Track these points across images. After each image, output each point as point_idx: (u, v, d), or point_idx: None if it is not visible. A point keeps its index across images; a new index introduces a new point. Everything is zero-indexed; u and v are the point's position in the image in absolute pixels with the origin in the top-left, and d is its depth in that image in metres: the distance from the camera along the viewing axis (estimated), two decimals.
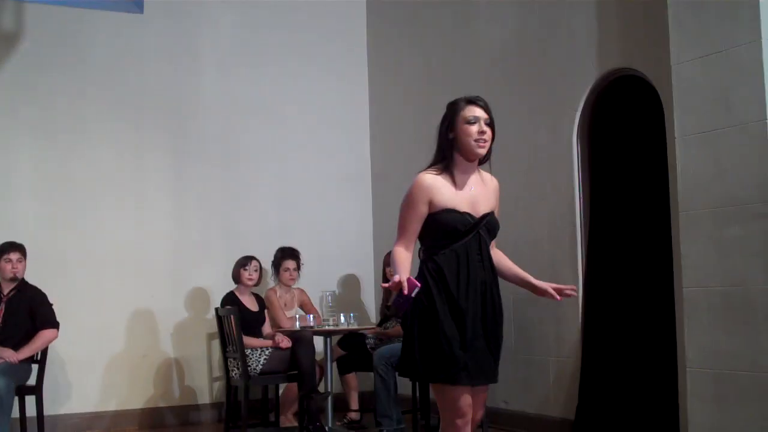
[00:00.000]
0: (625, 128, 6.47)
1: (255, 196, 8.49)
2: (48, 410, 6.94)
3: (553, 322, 6.62)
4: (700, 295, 5.38)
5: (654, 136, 6.06)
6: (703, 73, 5.38)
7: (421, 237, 3.85)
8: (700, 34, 5.41)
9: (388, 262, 7.63)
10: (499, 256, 3.98)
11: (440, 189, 3.80)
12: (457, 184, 3.83)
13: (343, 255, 8.72)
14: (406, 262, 3.77)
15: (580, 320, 6.52)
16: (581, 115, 6.62)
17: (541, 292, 3.95)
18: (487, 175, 3.95)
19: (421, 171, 3.88)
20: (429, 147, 8.25)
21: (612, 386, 6.29)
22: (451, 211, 3.78)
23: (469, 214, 3.79)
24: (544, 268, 6.74)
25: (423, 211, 3.79)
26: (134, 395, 7.86)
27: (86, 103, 7.92)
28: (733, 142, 5.21)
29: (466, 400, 3.74)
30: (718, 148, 5.29)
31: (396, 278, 3.57)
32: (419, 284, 3.60)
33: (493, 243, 3.95)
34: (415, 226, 3.81)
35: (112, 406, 7.76)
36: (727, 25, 5.26)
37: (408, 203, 3.83)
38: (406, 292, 3.54)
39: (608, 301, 6.42)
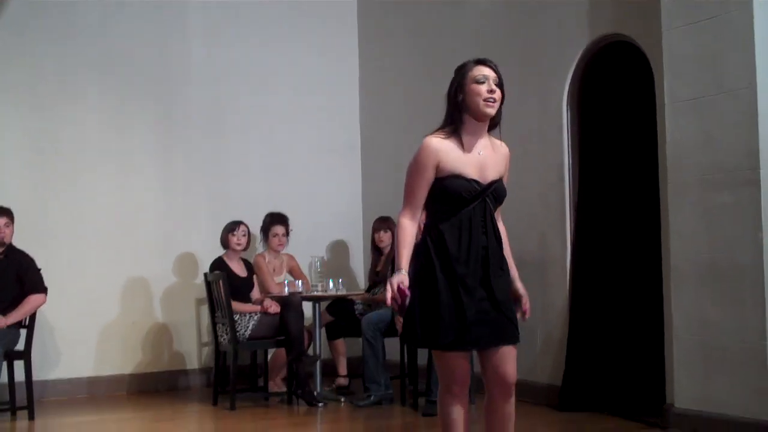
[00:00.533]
0: (615, 95, 6.45)
1: (244, 162, 8.44)
2: (37, 375, 6.93)
3: (541, 289, 6.62)
4: (688, 263, 5.39)
5: (644, 103, 6.04)
6: (694, 39, 5.35)
7: (425, 202, 3.80)
8: (690, 1, 5.38)
9: (377, 228, 7.62)
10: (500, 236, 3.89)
11: (448, 153, 3.73)
12: (465, 148, 3.75)
13: (332, 221, 8.70)
14: (409, 245, 3.71)
15: (567, 287, 6.53)
16: (571, 83, 6.58)
17: (514, 294, 3.88)
18: (497, 142, 3.89)
19: (428, 135, 3.80)
20: (418, 115, 8.28)
21: (599, 353, 6.32)
22: (458, 177, 3.72)
23: (476, 181, 3.74)
24: (533, 237, 6.75)
25: (430, 176, 3.73)
26: (123, 361, 7.86)
27: (73, 69, 7.83)
28: (723, 109, 5.20)
29: (460, 367, 3.75)
30: (708, 115, 5.28)
31: (388, 296, 3.59)
32: (408, 294, 3.62)
33: (500, 215, 3.89)
34: (423, 192, 3.75)
35: (100, 371, 7.76)
36: None
37: (415, 168, 3.77)
38: (397, 309, 3.64)
39: (596, 268, 6.43)
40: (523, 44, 6.89)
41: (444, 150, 3.73)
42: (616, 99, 6.44)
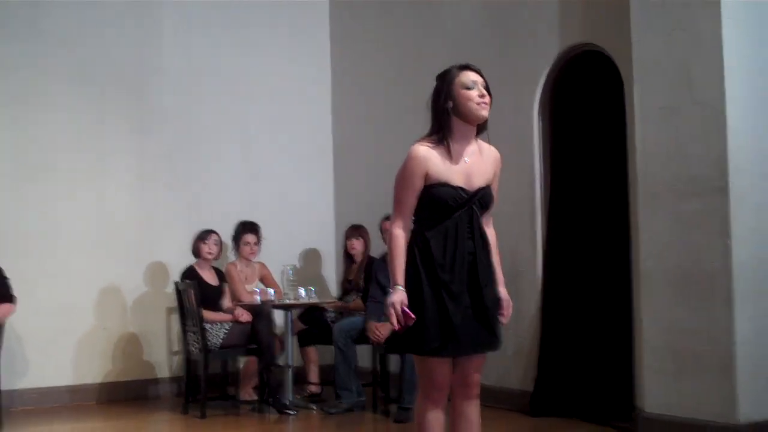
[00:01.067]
0: (586, 104, 6.51)
1: (216, 169, 8.42)
2: (5, 384, 6.89)
3: (513, 295, 6.61)
4: (658, 270, 5.45)
5: (615, 112, 6.09)
6: (664, 49, 5.42)
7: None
8: (661, 11, 5.44)
9: (349, 235, 7.63)
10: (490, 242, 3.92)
11: (436, 161, 3.75)
12: (452, 156, 3.77)
13: (304, 229, 8.69)
14: (402, 256, 3.74)
15: (539, 294, 6.57)
16: (542, 90, 6.64)
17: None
18: (485, 146, 3.90)
19: (415, 143, 3.80)
20: (391, 122, 8.29)
21: (570, 359, 6.36)
22: (445, 185, 3.74)
23: (462, 188, 3.76)
24: (504, 243, 6.72)
25: (420, 184, 3.75)
26: (93, 370, 7.80)
27: (46, 72, 7.78)
28: (692, 118, 5.26)
29: (441, 373, 3.78)
30: (678, 124, 5.34)
31: (393, 320, 3.65)
32: (414, 317, 3.66)
33: (491, 222, 3.94)
34: (413, 201, 3.76)
35: (70, 380, 7.69)
36: (688, 2, 5.29)
37: (404, 177, 3.77)
38: (397, 328, 3.67)
39: (567, 275, 6.48)
40: (495, 52, 6.94)
41: (432, 158, 3.75)
42: (588, 107, 6.50)
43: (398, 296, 3.69)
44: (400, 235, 3.75)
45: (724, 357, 5.07)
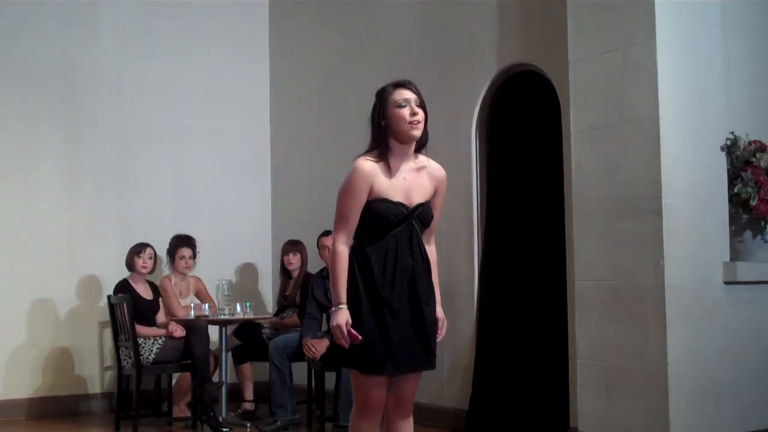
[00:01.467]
0: (523, 124, 6.56)
1: (151, 181, 8.31)
2: None
3: (449, 313, 6.63)
4: (591, 288, 5.49)
5: (551, 132, 6.15)
6: (599, 70, 5.48)
7: None
8: (597, 33, 5.51)
9: (286, 251, 7.58)
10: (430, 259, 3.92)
11: (378, 176, 3.76)
12: (391, 173, 3.78)
13: (240, 243, 8.62)
14: (344, 274, 3.72)
15: (474, 312, 6.59)
16: (480, 110, 6.67)
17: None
18: (430, 163, 3.91)
19: (358, 157, 3.80)
20: (330, 136, 8.27)
21: (505, 377, 6.38)
22: (385, 201, 3.74)
23: (402, 204, 3.77)
24: (441, 262, 6.77)
25: (364, 199, 3.74)
26: (21, 384, 7.63)
27: None
28: (626, 139, 5.32)
29: (378, 390, 3.77)
30: (612, 144, 5.40)
31: (342, 342, 3.66)
32: (360, 338, 3.66)
33: (432, 240, 3.96)
34: (356, 216, 3.74)
35: None
36: (623, 24, 5.36)
37: (348, 191, 3.75)
38: (347, 345, 3.66)
39: (503, 294, 6.50)
40: (434, 69, 6.97)
41: (375, 173, 3.75)
42: (524, 127, 6.55)
43: (342, 316, 3.68)
44: (343, 252, 3.74)
45: (657, 376, 5.12)
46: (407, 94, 3.80)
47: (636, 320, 5.24)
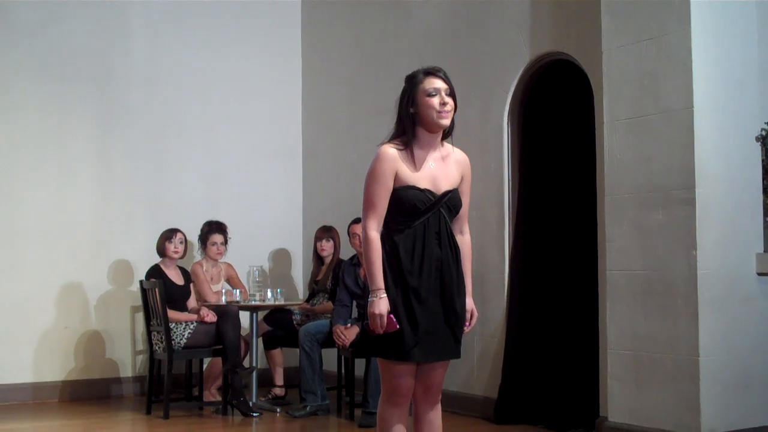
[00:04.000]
0: (556, 112, 6.53)
1: (183, 167, 8.37)
2: None
3: (479, 301, 6.65)
4: (623, 278, 5.48)
5: (583, 121, 6.12)
6: (633, 59, 5.45)
7: None
8: (631, 21, 5.47)
9: (320, 237, 7.61)
10: (462, 250, 3.90)
11: (403, 162, 3.75)
12: (416, 160, 3.77)
13: (272, 230, 8.67)
14: (380, 260, 3.71)
15: (505, 300, 6.58)
16: (512, 98, 6.65)
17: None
18: (454, 150, 3.91)
19: (382, 143, 3.80)
20: (361, 123, 8.29)
21: (535, 366, 6.37)
22: (412, 188, 3.74)
23: (429, 191, 3.76)
24: (472, 249, 6.78)
25: (390, 184, 3.73)
26: (55, 367, 7.73)
27: (10, 66, 7.72)
28: (660, 129, 5.29)
29: (406, 378, 3.78)
30: (645, 134, 5.37)
31: (379, 330, 3.65)
32: (398, 326, 3.66)
33: (466, 228, 3.95)
34: (385, 201, 3.73)
35: (31, 377, 7.63)
36: (658, 12, 5.33)
37: (375, 177, 3.74)
38: (381, 331, 3.66)
39: (533, 282, 6.49)
40: (466, 58, 6.96)
41: (400, 159, 3.75)
42: (557, 116, 6.52)
43: (384, 305, 3.67)
44: (375, 238, 3.73)
45: (688, 366, 5.10)
46: (438, 83, 3.79)
47: (667, 310, 5.22)
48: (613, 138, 5.56)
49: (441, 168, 3.83)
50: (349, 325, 6.75)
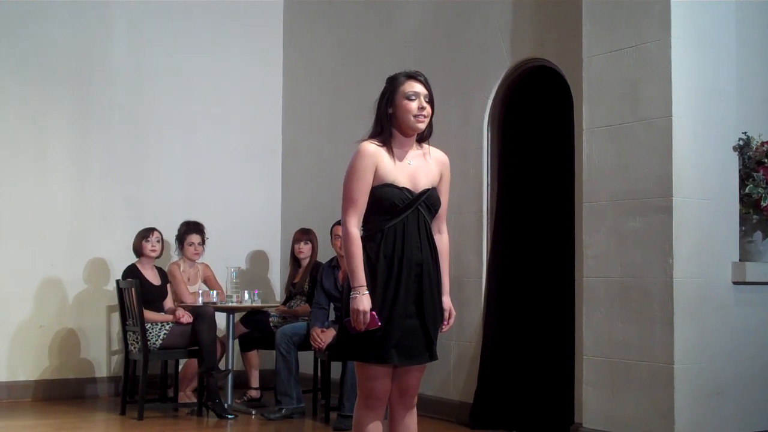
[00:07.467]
0: (536, 118, 6.55)
1: (161, 166, 8.33)
2: None
3: (457, 305, 6.64)
4: (599, 284, 5.50)
5: (563, 127, 6.14)
6: (613, 67, 5.47)
7: None
8: (611, 29, 5.50)
9: (298, 239, 7.59)
10: (439, 249, 3.90)
11: (383, 159, 3.76)
12: (395, 157, 3.79)
13: (250, 231, 8.64)
14: (361, 256, 3.69)
15: (482, 305, 6.59)
16: (493, 103, 6.66)
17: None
18: (436, 151, 3.93)
19: (362, 140, 3.81)
20: (341, 123, 8.28)
21: (511, 371, 6.39)
22: (390, 186, 3.74)
23: (407, 189, 3.77)
24: (450, 251, 6.78)
25: (370, 180, 3.73)
26: (29, 366, 7.68)
27: None
28: (638, 136, 5.32)
29: (382, 381, 3.78)
30: (623, 142, 5.40)
31: (360, 327, 3.63)
32: (379, 324, 3.65)
33: (444, 227, 3.95)
34: (365, 198, 3.73)
35: (5, 376, 7.56)
36: (638, 21, 5.35)
37: (355, 173, 3.74)
38: (362, 328, 3.65)
39: (511, 287, 6.51)
40: (448, 62, 6.97)
41: (380, 154, 3.75)
42: (536, 122, 6.54)
43: (366, 302, 3.66)
44: (356, 234, 3.73)
45: (662, 372, 5.12)
46: (418, 87, 3.82)
47: (643, 317, 5.24)
48: (592, 145, 5.58)
49: (420, 166, 3.84)
50: (326, 327, 6.74)
